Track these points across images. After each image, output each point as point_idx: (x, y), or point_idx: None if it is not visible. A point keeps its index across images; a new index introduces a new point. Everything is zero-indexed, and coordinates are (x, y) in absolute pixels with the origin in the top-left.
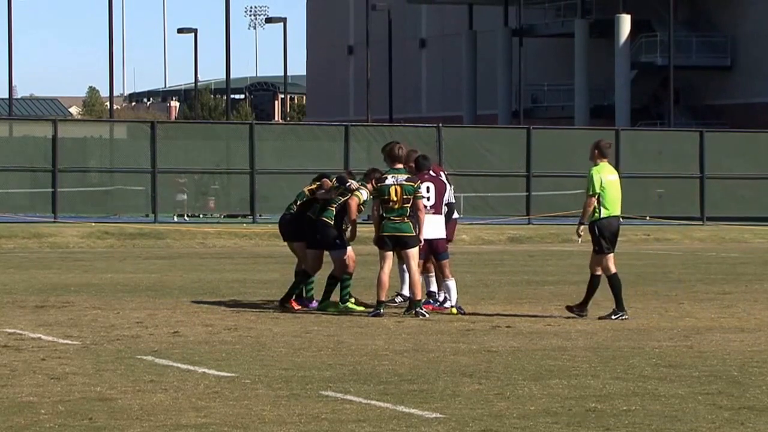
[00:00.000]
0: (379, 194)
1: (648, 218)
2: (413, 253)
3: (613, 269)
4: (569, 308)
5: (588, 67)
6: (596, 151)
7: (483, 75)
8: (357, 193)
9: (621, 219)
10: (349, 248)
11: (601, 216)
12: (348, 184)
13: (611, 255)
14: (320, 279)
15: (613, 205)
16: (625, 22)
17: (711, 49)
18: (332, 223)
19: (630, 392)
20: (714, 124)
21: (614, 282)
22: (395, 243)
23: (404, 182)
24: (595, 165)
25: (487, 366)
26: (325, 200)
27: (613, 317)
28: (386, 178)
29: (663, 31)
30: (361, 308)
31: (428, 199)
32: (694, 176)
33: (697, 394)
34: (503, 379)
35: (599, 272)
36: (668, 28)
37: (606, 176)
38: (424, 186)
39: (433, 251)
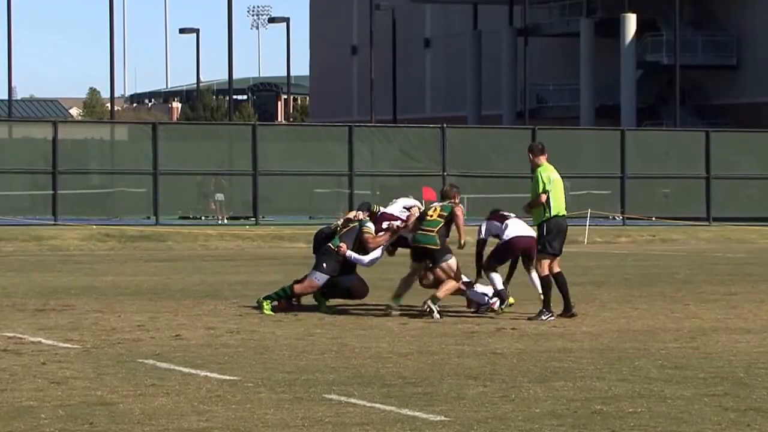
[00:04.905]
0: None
1: (654, 219)
2: (445, 268)
3: (557, 268)
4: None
5: (593, 66)
6: (531, 155)
7: (488, 75)
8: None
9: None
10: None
11: (551, 215)
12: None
13: (558, 258)
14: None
15: (558, 204)
16: (631, 22)
17: (717, 48)
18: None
19: (636, 394)
20: (720, 124)
21: (561, 280)
22: (423, 255)
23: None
24: (539, 167)
25: (492, 368)
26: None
27: (542, 317)
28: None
29: (669, 30)
30: (268, 312)
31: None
32: (700, 176)
33: (703, 396)
34: (508, 382)
35: (546, 272)
36: (674, 27)
37: (551, 174)
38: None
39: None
